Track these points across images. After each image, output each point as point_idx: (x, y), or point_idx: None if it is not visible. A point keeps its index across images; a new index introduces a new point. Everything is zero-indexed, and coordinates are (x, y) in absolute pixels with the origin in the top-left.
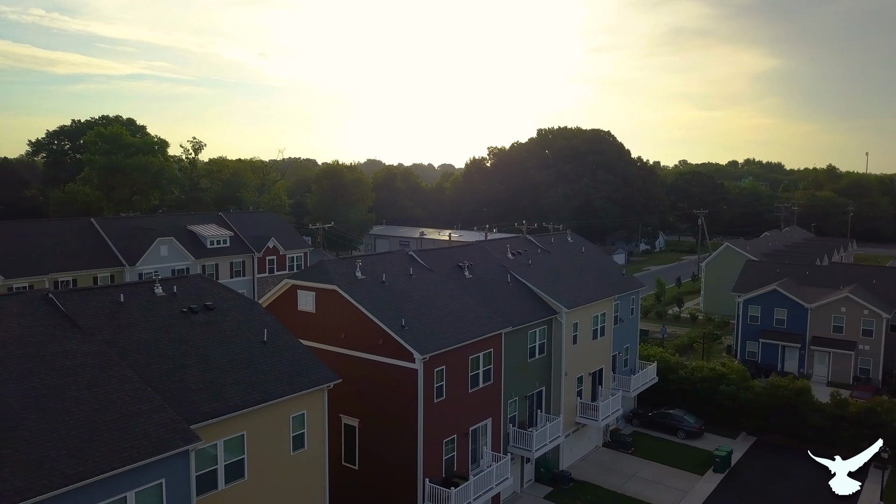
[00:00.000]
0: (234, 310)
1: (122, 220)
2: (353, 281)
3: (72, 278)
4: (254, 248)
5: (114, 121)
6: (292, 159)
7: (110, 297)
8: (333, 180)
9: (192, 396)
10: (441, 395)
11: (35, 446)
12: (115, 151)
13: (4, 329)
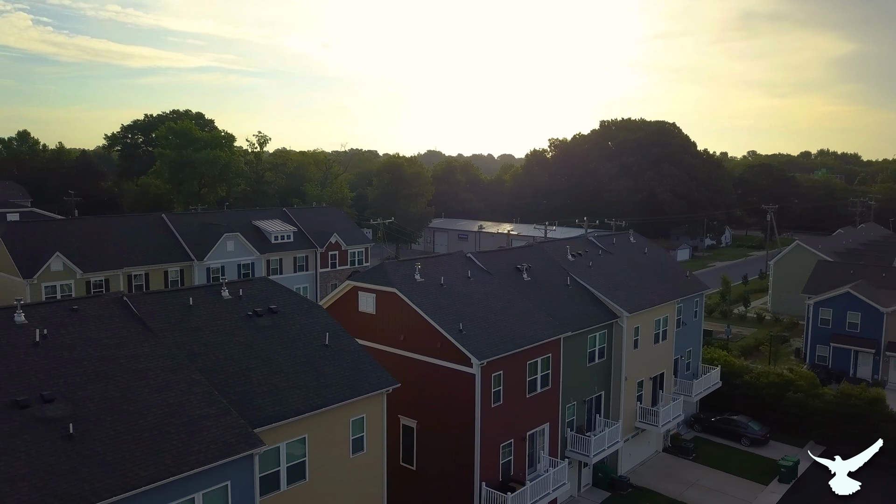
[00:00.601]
0: (296, 312)
1: (191, 216)
2: (412, 284)
3: (144, 272)
4: (316, 244)
5: (183, 115)
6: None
7: (180, 300)
8: (394, 174)
9: (257, 400)
10: (498, 400)
11: (111, 447)
12: (184, 146)
13: (83, 331)
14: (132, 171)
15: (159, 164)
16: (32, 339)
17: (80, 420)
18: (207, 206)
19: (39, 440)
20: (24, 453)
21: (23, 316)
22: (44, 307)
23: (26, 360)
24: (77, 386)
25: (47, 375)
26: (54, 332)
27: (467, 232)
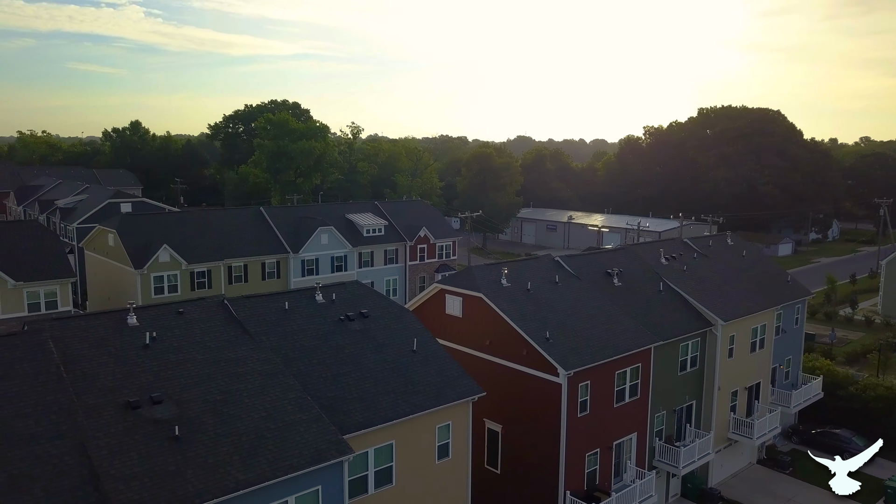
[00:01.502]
0: (386, 317)
1: (288, 210)
2: (498, 289)
3: (243, 263)
4: (406, 237)
5: (281, 105)
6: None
7: (277, 304)
8: (482, 164)
9: (347, 405)
10: (585, 410)
11: (212, 450)
12: (281, 136)
13: (188, 334)
14: (233, 159)
15: (258, 155)
16: (143, 342)
17: (184, 422)
18: (302, 195)
19: (149, 441)
20: (136, 453)
21: (135, 318)
22: (153, 310)
23: (137, 362)
24: (182, 388)
25: (156, 377)
26: (162, 335)
27: (556, 223)
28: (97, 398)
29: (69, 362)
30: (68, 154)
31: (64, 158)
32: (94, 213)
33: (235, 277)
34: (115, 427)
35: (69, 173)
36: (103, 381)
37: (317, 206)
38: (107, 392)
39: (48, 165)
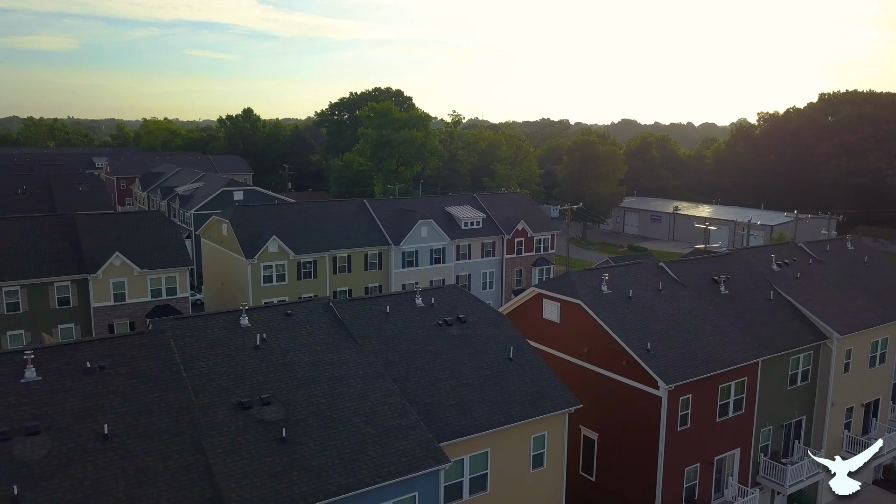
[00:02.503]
0: (483, 322)
1: (390, 202)
2: (598, 295)
3: (347, 254)
4: (504, 230)
5: (384, 93)
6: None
7: (379, 307)
8: (584, 153)
9: (444, 412)
10: (685, 424)
11: (316, 453)
12: (384, 125)
13: (295, 335)
14: (338, 146)
15: (362, 143)
16: (254, 343)
17: (290, 424)
18: (403, 184)
19: (259, 441)
20: (247, 453)
21: (247, 319)
22: (263, 311)
23: (249, 363)
24: (289, 390)
25: (265, 378)
26: (272, 336)
27: (661, 213)
28: (212, 397)
29: (188, 361)
30: (186, 139)
31: (183, 144)
32: (209, 200)
33: (339, 268)
34: (228, 426)
35: (187, 159)
36: (218, 380)
37: (417, 198)
38: (221, 391)
39: (168, 151)
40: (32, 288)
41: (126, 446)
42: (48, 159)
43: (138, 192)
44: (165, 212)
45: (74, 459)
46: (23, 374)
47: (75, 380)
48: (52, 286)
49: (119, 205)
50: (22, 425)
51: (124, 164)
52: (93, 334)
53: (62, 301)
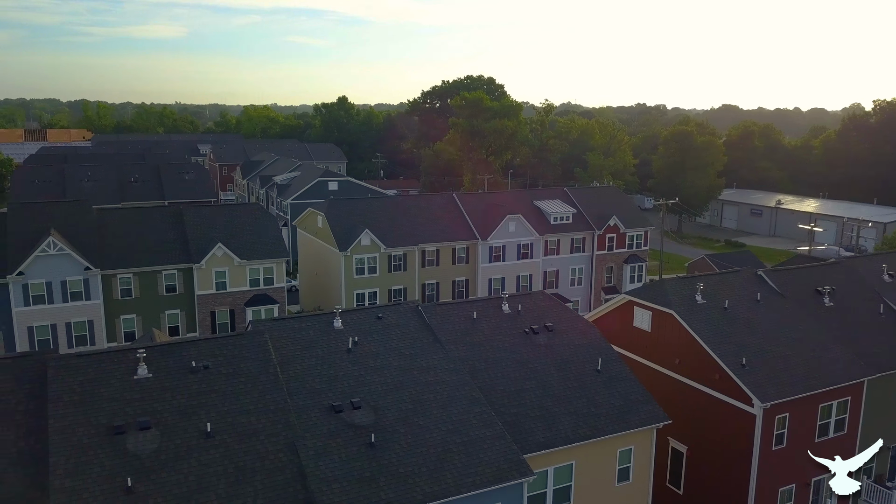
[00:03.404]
0: (571, 331)
1: (478, 196)
2: (691, 306)
3: (436, 248)
4: (595, 226)
5: (476, 80)
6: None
7: (466, 312)
8: (681, 143)
9: (529, 423)
10: (781, 443)
11: (403, 460)
12: (475, 115)
13: (385, 339)
14: (429, 134)
15: (452, 133)
16: (346, 346)
17: (379, 429)
18: (492, 175)
19: (349, 445)
20: (338, 456)
21: (340, 322)
22: (355, 314)
23: (341, 366)
24: (378, 395)
25: (356, 382)
26: (363, 339)
27: (762, 207)
28: (306, 399)
29: (284, 363)
30: (284, 126)
31: (280, 131)
32: (305, 190)
33: (428, 261)
34: (320, 429)
35: (284, 147)
36: (311, 382)
37: (506, 192)
38: (314, 394)
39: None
40: (143, 275)
41: (227, 444)
42: (158, 146)
43: (239, 180)
44: (264, 200)
45: (181, 455)
46: (136, 371)
47: (182, 378)
48: (161, 274)
49: (221, 191)
50: (135, 420)
51: (226, 152)
52: (196, 321)
53: (169, 288)
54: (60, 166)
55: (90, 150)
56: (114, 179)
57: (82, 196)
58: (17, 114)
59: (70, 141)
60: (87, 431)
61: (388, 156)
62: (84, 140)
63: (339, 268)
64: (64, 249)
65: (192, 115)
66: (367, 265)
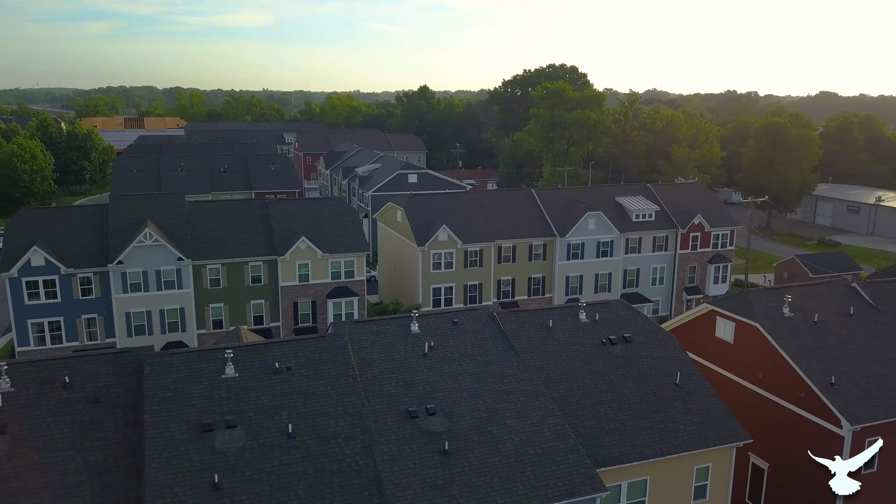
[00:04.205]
0: (650, 343)
1: (558, 192)
2: (778, 318)
3: (512, 244)
4: (678, 224)
5: (558, 69)
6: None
7: (542, 320)
8: (773, 136)
9: (603, 437)
10: (871, 467)
11: (476, 469)
12: (557, 106)
13: (461, 345)
14: (509, 124)
15: (532, 123)
16: (422, 350)
17: (453, 437)
18: (573, 166)
19: (423, 451)
20: (412, 462)
21: (416, 326)
22: (432, 318)
23: (417, 371)
24: (453, 402)
25: (431, 387)
26: (439, 344)
27: (859, 203)
28: (383, 403)
29: (362, 366)
30: (366, 115)
31: (362, 120)
32: (386, 182)
33: (504, 258)
34: (396, 434)
35: (366, 136)
36: (388, 386)
37: (586, 187)
38: (391, 398)
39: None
40: (231, 266)
41: (307, 446)
42: (246, 135)
43: (322, 170)
44: (346, 190)
45: (264, 454)
46: (223, 371)
47: (266, 379)
48: (247, 265)
49: (305, 179)
50: (222, 418)
51: (310, 141)
52: (279, 311)
53: (255, 279)
54: (156, 157)
55: (183, 139)
56: (205, 170)
57: (176, 186)
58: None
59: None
60: (179, 427)
61: (466, 146)
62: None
63: (417, 262)
64: (159, 240)
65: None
66: (443, 260)
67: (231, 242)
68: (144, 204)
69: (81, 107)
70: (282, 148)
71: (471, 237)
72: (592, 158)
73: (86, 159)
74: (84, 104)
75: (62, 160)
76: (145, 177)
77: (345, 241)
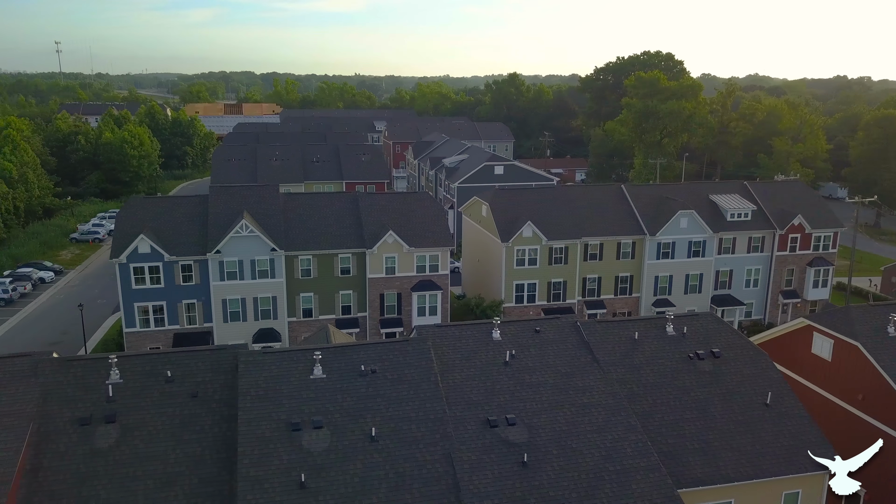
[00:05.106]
0: (739, 359)
1: (649, 189)
2: (881, 339)
3: (599, 242)
4: (776, 224)
5: (653, 57)
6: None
7: (627, 331)
8: (887, 129)
9: (687, 456)
10: None
11: (554, 482)
12: (651, 96)
13: (542, 355)
14: (600, 113)
15: (625, 113)
16: (503, 359)
17: (532, 448)
18: (665, 158)
19: (502, 462)
20: (491, 472)
21: (498, 333)
22: (514, 325)
23: (498, 379)
24: (533, 413)
25: (512, 397)
26: (520, 353)
27: None
28: (464, 411)
29: (444, 371)
30: (455, 103)
31: (451, 108)
32: (472, 174)
33: (590, 255)
34: (476, 442)
35: (454, 125)
36: (469, 394)
37: (679, 184)
38: (472, 406)
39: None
40: (321, 258)
41: (389, 450)
42: (338, 123)
43: (410, 159)
44: (432, 181)
45: (348, 456)
46: (312, 371)
47: (352, 381)
48: (337, 257)
49: (394, 168)
50: (310, 419)
51: (400, 130)
52: (366, 302)
53: (344, 271)
54: (253, 146)
55: (278, 127)
56: (298, 159)
57: (270, 175)
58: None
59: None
60: (269, 426)
61: (555, 134)
62: (273, 114)
63: (501, 258)
64: (254, 232)
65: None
66: (527, 257)
67: (322, 234)
68: (241, 196)
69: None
70: (372, 136)
71: (556, 234)
72: (687, 150)
73: (188, 145)
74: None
75: (167, 146)
76: (242, 165)
77: (430, 235)
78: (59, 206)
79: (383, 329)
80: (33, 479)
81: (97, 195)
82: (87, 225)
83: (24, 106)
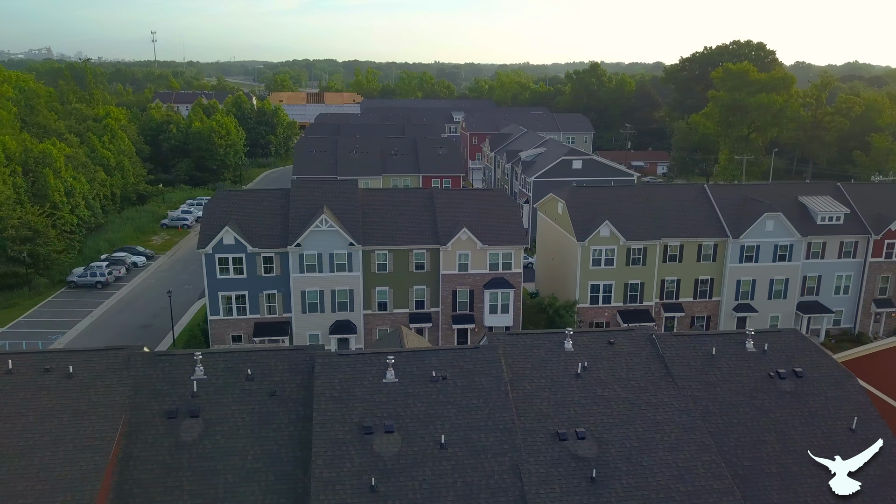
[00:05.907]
0: (823, 380)
1: (733, 189)
2: None
3: (679, 244)
4: (871, 229)
5: (743, 47)
6: None
7: (704, 346)
8: None
9: (763, 480)
10: None
11: (623, 500)
12: (738, 88)
13: (615, 367)
14: (684, 105)
15: (711, 106)
16: (575, 370)
17: (602, 464)
18: (752, 154)
19: (570, 476)
20: (558, 486)
21: (570, 344)
22: (586, 336)
23: (568, 391)
24: (604, 427)
25: (582, 410)
26: (592, 365)
27: None
28: (533, 422)
29: (514, 380)
30: (534, 93)
31: (530, 98)
32: (549, 168)
33: (670, 257)
34: (544, 455)
35: (532, 116)
36: (539, 405)
37: (765, 185)
38: (541, 417)
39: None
40: (397, 253)
41: (457, 458)
42: (416, 114)
43: (487, 152)
44: (508, 174)
45: (417, 462)
46: (385, 375)
47: (423, 386)
48: (412, 252)
49: (470, 159)
50: (381, 423)
51: (477, 121)
52: (439, 297)
53: (418, 266)
54: (333, 138)
55: (359, 118)
56: (377, 152)
57: (349, 168)
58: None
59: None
60: (343, 428)
61: (637, 125)
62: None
63: (576, 257)
64: (333, 226)
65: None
66: (604, 257)
67: (398, 230)
68: (322, 190)
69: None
70: (450, 127)
71: (634, 234)
72: (776, 145)
73: (272, 133)
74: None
75: (252, 134)
76: (323, 157)
77: (504, 233)
78: (151, 193)
79: (455, 325)
80: (124, 467)
81: (186, 182)
82: (176, 211)
83: (121, 94)
